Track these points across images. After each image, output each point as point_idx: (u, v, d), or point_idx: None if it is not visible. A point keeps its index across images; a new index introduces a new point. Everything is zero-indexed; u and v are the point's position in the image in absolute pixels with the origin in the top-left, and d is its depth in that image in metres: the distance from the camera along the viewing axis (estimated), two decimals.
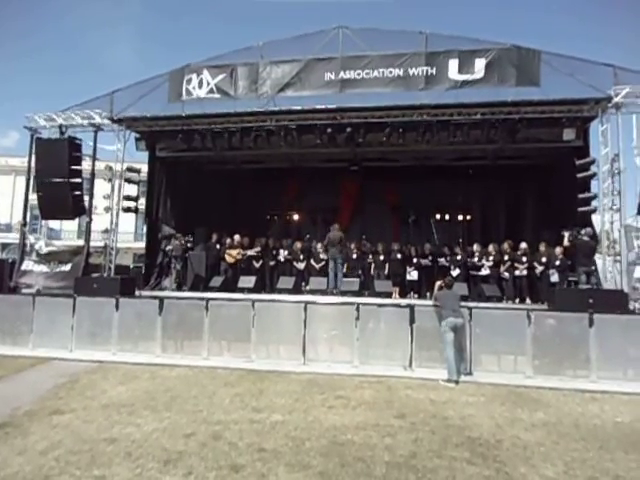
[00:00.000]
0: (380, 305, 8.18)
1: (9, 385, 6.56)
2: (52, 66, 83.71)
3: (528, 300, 10.13)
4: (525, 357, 7.25)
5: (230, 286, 10.90)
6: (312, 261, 11.65)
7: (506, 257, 10.70)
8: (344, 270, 11.05)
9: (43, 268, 11.44)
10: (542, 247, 10.39)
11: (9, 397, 5.86)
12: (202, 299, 8.53)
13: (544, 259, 10.24)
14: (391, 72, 10.20)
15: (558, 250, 9.94)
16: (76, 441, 4.40)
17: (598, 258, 9.75)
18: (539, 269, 10.27)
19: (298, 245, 11.98)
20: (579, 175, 9.65)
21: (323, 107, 10.48)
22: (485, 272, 10.83)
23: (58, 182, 11.05)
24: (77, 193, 11.34)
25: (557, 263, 9.94)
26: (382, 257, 11.64)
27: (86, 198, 11.60)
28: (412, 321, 7.51)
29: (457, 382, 6.70)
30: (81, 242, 13.47)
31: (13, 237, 25.40)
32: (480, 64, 9.85)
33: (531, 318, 7.29)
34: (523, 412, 5.48)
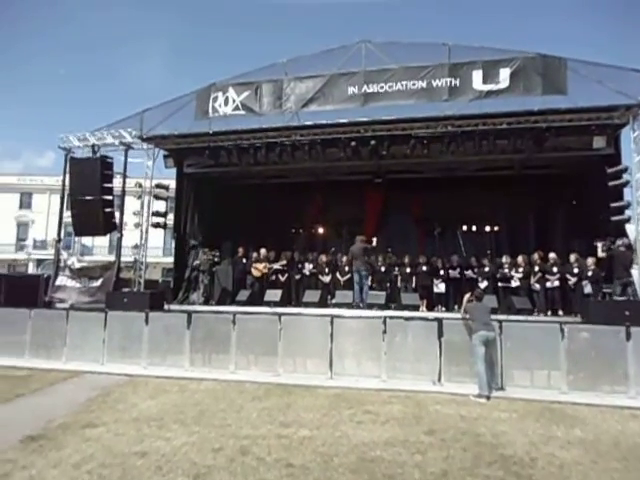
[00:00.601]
0: (407, 318, 8.06)
1: (43, 398, 6.73)
2: (83, 78, 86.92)
3: (560, 312, 9.84)
4: (559, 372, 7.01)
5: (256, 300, 10.97)
6: (337, 274, 11.63)
7: (536, 268, 10.44)
8: (370, 283, 10.98)
9: (76, 283, 11.78)
10: (573, 258, 10.11)
11: (43, 410, 6.01)
12: (229, 313, 8.61)
13: (576, 270, 9.96)
14: (414, 84, 10.22)
15: (590, 261, 9.66)
16: (108, 454, 4.47)
17: (634, 269, 9.42)
18: (572, 280, 9.98)
19: (323, 258, 11.99)
20: (611, 183, 9.39)
21: (347, 121, 10.57)
22: (515, 284, 10.58)
23: (90, 200, 11.42)
24: (108, 210, 11.69)
25: (590, 274, 9.64)
26: (408, 269, 11.54)
27: (117, 215, 11.94)
28: (440, 335, 7.37)
29: (488, 397, 6.52)
30: (112, 257, 13.85)
31: (48, 253, 26.26)
32: (505, 74, 9.77)
33: (564, 331, 7.07)
34: (558, 429, 5.29)
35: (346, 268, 11.44)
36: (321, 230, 15.99)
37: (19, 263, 33.44)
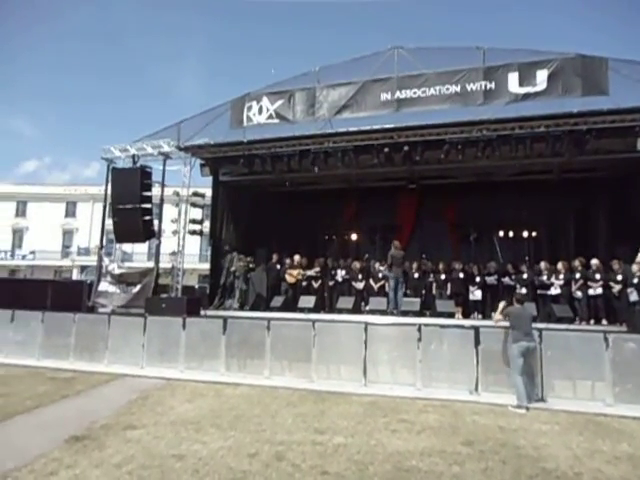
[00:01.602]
0: (443, 326, 7.93)
1: (86, 400, 6.98)
2: (122, 98, 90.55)
3: (604, 321, 9.45)
4: (604, 383, 6.72)
5: (290, 306, 11.05)
6: (371, 281, 11.57)
7: (578, 275, 10.07)
8: (404, 289, 10.88)
9: (117, 289, 12.18)
10: (617, 264, 9.70)
11: (87, 411, 6.23)
12: (264, 319, 8.69)
13: (620, 277, 9.54)
14: (448, 89, 10.12)
15: (636, 267, 9.23)
16: (147, 456, 4.59)
17: None
18: (616, 288, 9.57)
19: (357, 265, 11.96)
20: None
21: (380, 127, 10.55)
22: (555, 291, 10.24)
23: (131, 208, 11.82)
24: (147, 218, 12.06)
25: (635, 281, 9.23)
26: (443, 276, 11.37)
27: (155, 222, 12.30)
28: (477, 343, 7.21)
29: (528, 408, 6.32)
30: (151, 264, 14.25)
31: (91, 260, 27.29)
32: (542, 75, 9.54)
33: (609, 341, 6.78)
34: (604, 443, 5.06)
35: (380, 274, 11.38)
36: (354, 236, 15.96)
37: (64, 269, 34.89)
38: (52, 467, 4.32)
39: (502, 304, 7.48)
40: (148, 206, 12.09)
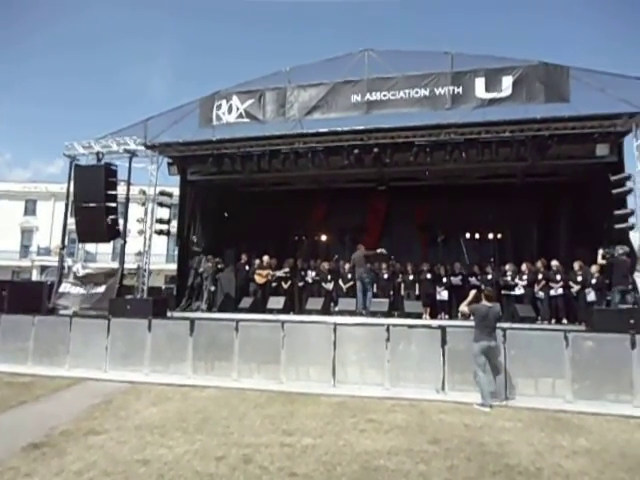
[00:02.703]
0: (410, 326, 8.03)
1: (46, 405, 6.72)
2: (87, 99, 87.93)
3: (564, 320, 9.80)
4: (564, 380, 6.96)
5: (259, 307, 10.97)
6: (340, 282, 11.62)
7: (540, 276, 10.41)
8: (373, 290, 10.97)
9: (79, 290, 11.80)
10: (576, 265, 10.08)
11: (46, 417, 6.00)
12: (232, 320, 8.59)
13: (580, 278, 9.93)
14: (417, 92, 10.27)
15: (594, 268, 9.62)
16: (110, 462, 4.45)
17: (638, 277, 9.37)
18: (575, 288, 9.95)
19: (326, 266, 11.99)
20: (614, 191, 9.37)
21: (350, 129, 10.59)
22: (519, 292, 10.55)
23: (94, 207, 11.46)
24: (112, 217, 11.72)
25: (594, 282, 9.61)
26: (412, 277, 11.54)
27: (120, 222, 11.98)
28: (444, 342, 7.34)
29: (492, 406, 6.47)
30: (115, 264, 13.88)
31: (52, 260, 26.36)
32: (507, 82, 9.80)
33: (569, 339, 7.02)
34: (564, 438, 5.24)
35: (349, 275, 11.44)
36: (324, 237, 16.00)
37: (23, 270, 33.54)
38: (8, 476, 4.14)
39: (472, 293, 7.46)
40: (113, 205, 11.75)
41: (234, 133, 11.35)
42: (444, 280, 11.43)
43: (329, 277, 11.79)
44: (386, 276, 11.62)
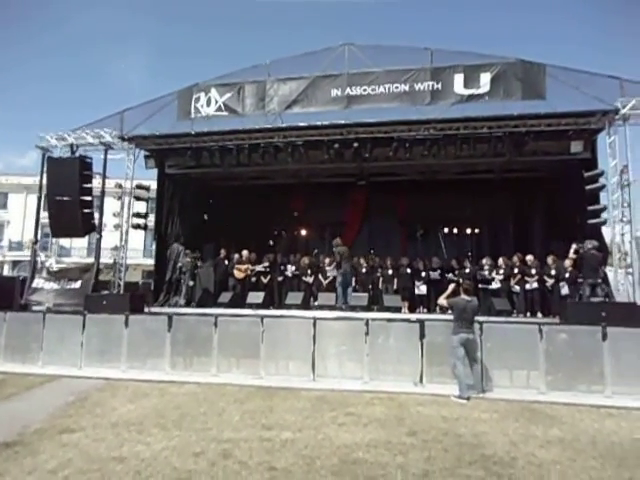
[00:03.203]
0: (389, 320, 8.11)
1: (19, 403, 6.55)
2: (61, 75, 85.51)
3: (539, 314, 10.02)
4: (538, 372, 7.12)
5: (239, 302, 10.89)
6: (320, 276, 11.63)
7: (516, 270, 10.62)
8: (353, 285, 11.01)
9: (53, 285, 11.52)
10: (550, 260, 10.31)
11: (19, 415, 5.85)
12: (211, 315, 8.51)
13: (553, 272, 10.16)
14: (397, 87, 10.30)
15: (568, 262, 9.85)
16: (85, 460, 4.37)
17: (610, 270, 9.64)
18: (550, 282, 10.18)
19: (306, 260, 11.99)
20: (588, 187, 9.61)
21: (330, 123, 10.57)
22: (495, 286, 10.74)
23: (68, 200, 11.18)
24: (87, 211, 11.46)
25: (567, 276, 9.85)
26: (391, 271, 11.61)
27: (96, 216, 11.71)
28: (422, 336, 7.42)
29: (469, 398, 6.58)
30: (91, 259, 13.60)
31: (24, 255, 25.68)
32: (485, 78, 9.92)
33: (543, 332, 7.18)
34: (537, 429, 5.36)
35: (327, 269, 11.46)
36: (304, 232, 16.02)
37: None
38: None
39: (451, 287, 7.53)
40: (88, 198, 11.48)
41: (213, 126, 11.21)
42: (423, 274, 11.55)
43: (309, 272, 11.79)
44: (365, 270, 11.68)
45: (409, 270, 11.57)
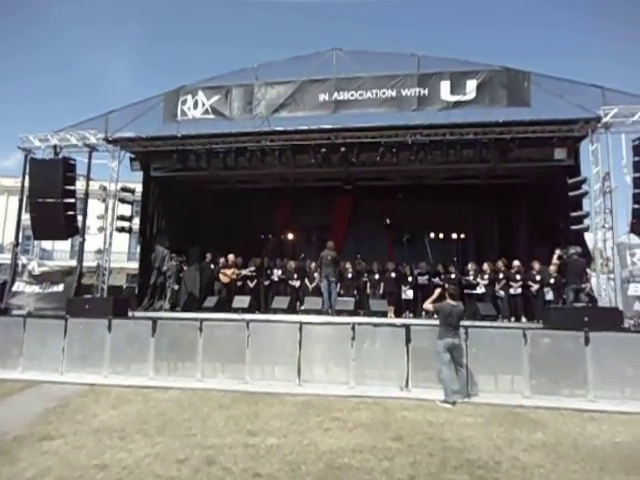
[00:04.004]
0: (376, 325, 8.10)
1: None
2: (48, 87, 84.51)
3: (524, 319, 10.11)
4: (522, 377, 7.19)
5: (224, 306, 10.80)
6: (306, 281, 11.60)
7: (501, 275, 10.71)
8: (339, 289, 11.00)
9: (35, 289, 11.30)
10: (535, 265, 10.43)
11: None
12: (196, 320, 8.43)
13: (538, 277, 10.28)
14: (384, 93, 10.36)
15: (552, 268, 9.98)
16: (66, 467, 4.28)
17: (592, 276, 9.79)
18: (534, 287, 10.29)
19: (292, 264, 11.95)
20: (571, 194, 9.76)
21: (317, 127, 10.58)
22: (480, 290, 10.82)
23: (51, 202, 10.99)
24: (70, 213, 11.28)
25: (551, 281, 9.97)
26: (377, 276, 11.62)
27: (79, 218, 11.53)
28: (408, 341, 7.44)
29: (454, 403, 6.61)
30: (74, 263, 13.39)
31: (5, 258, 25.16)
32: (471, 85, 10.03)
33: (527, 337, 7.26)
34: (521, 433, 5.40)
35: (315, 274, 11.44)
36: (290, 236, 15.97)
37: None
38: None
39: (437, 292, 7.55)
40: (71, 201, 11.30)
41: (199, 129, 11.15)
42: (409, 279, 11.58)
43: (295, 276, 11.75)
44: (351, 275, 11.68)
45: (395, 275, 11.59)
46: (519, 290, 10.43)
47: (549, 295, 9.96)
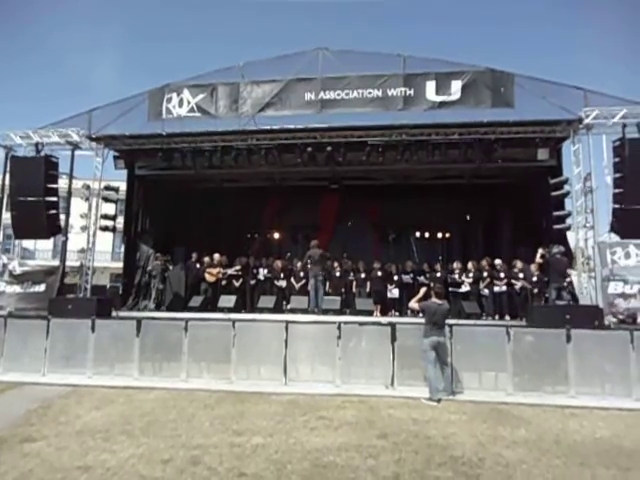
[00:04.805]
0: (361, 323, 8.14)
1: None
2: (33, 88, 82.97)
3: (507, 317, 10.25)
4: (505, 374, 7.29)
5: (210, 306, 10.76)
6: (292, 280, 11.60)
7: (485, 274, 10.84)
8: (325, 288, 11.02)
9: (16, 289, 11.14)
10: (518, 264, 10.57)
11: None
12: (181, 319, 8.38)
13: (521, 275, 10.42)
14: (370, 93, 10.40)
15: (534, 267, 10.13)
16: (48, 470, 4.21)
17: (574, 275, 9.96)
18: (518, 285, 10.43)
19: (278, 264, 11.93)
20: (553, 193, 9.92)
21: (303, 127, 10.58)
22: (465, 289, 10.94)
23: (33, 201, 10.77)
24: (52, 212, 11.08)
25: (534, 279, 10.11)
26: (363, 275, 11.67)
27: (62, 217, 11.35)
28: (393, 339, 7.49)
29: (439, 400, 6.67)
30: (56, 262, 13.19)
31: None
32: (456, 86, 10.12)
33: (510, 335, 7.36)
34: (505, 429, 5.48)
35: (301, 273, 11.44)
36: (276, 235, 15.95)
37: None
38: None
39: (423, 290, 7.61)
40: (53, 199, 11.09)
41: (185, 127, 11.06)
42: (395, 278, 11.65)
43: (282, 275, 11.74)
44: (338, 274, 11.71)
45: (381, 274, 11.65)
46: (503, 288, 10.57)
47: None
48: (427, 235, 15.33)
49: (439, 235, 15.34)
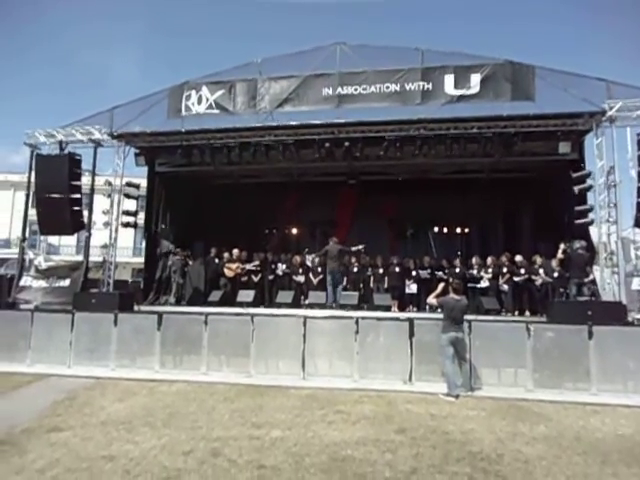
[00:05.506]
0: (379, 319, 8.15)
1: (6, 402, 6.50)
2: (55, 84, 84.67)
3: (527, 312, 10.12)
4: (525, 370, 7.22)
5: (229, 300, 10.89)
6: (310, 275, 11.65)
7: (504, 269, 10.72)
8: (343, 284, 11.04)
9: (42, 284, 11.41)
10: (538, 259, 10.43)
11: (6, 415, 5.80)
12: (201, 314, 8.51)
13: (541, 271, 10.27)
14: (388, 87, 10.33)
15: (555, 262, 9.97)
16: (74, 459, 4.35)
17: (596, 270, 9.77)
18: (538, 281, 10.29)
19: (297, 259, 12.00)
20: (575, 188, 9.72)
21: (321, 122, 10.59)
22: (484, 284, 10.83)
23: (57, 198, 11.07)
24: (76, 208, 11.36)
25: (555, 275, 9.96)
26: (381, 270, 11.66)
27: (85, 213, 11.62)
28: (411, 334, 7.48)
29: (457, 396, 6.65)
30: (80, 257, 13.49)
31: (12, 252, 25.33)
32: (475, 79, 9.98)
33: (530, 331, 7.28)
34: (524, 426, 5.44)
35: (319, 269, 11.49)
36: (295, 230, 16.01)
37: None
38: None
39: (441, 286, 7.62)
40: (77, 196, 11.36)
41: (203, 124, 11.18)
42: (413, 273, 11.61)
43: (300, 270, 11.80)
44: (356, 269, 11.72)
45: (399, 269, 11.62)
46: (523, 284, 10.43)
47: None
48: (445, 230, 15.20)
49: (458, 230, 15.19)
